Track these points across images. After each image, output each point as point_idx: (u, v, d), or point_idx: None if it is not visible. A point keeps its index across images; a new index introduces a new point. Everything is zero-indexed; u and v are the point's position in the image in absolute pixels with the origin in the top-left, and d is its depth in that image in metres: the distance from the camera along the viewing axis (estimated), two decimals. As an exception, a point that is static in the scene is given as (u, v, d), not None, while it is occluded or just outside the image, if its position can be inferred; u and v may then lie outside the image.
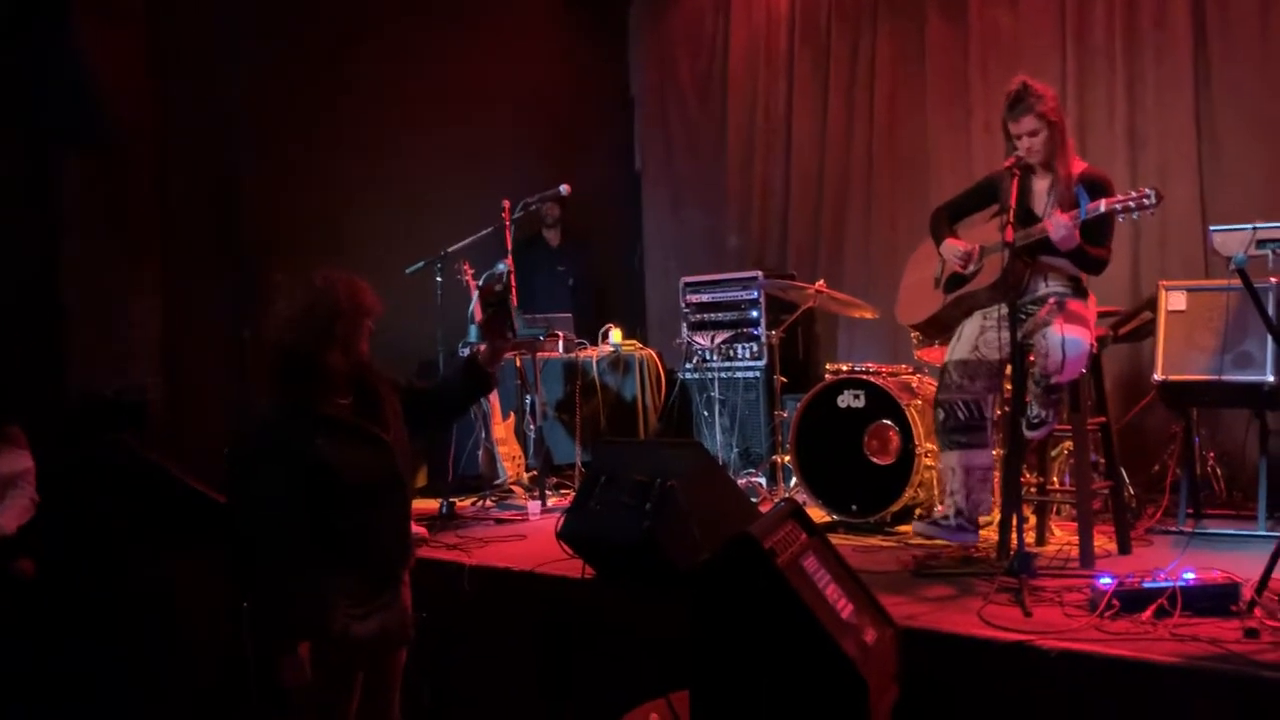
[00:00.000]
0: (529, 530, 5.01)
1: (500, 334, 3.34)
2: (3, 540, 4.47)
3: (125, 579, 4.82)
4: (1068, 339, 3.72)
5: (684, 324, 6.64)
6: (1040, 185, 3.99)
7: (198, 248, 5.80)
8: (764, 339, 6.22)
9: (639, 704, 3.01)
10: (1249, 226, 3.75)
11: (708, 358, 6.39)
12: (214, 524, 4.88)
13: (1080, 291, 4.00)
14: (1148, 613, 3.11)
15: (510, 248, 5.74)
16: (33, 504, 4.63)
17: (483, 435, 5.93)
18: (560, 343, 6.27)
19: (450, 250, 5.76)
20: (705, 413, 6.33)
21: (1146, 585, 3.22)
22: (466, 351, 5.70)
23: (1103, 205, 3.71)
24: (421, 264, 5.74)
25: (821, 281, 5.51)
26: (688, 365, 6.48)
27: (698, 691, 2.77)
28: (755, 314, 6.36)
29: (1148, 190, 3.64)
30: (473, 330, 5.98)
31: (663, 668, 3.01)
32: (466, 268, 5.95)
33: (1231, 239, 4.13)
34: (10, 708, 4.28)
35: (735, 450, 6.14)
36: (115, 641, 4.72)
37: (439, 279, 5.72)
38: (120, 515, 4.93)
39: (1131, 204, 3.65)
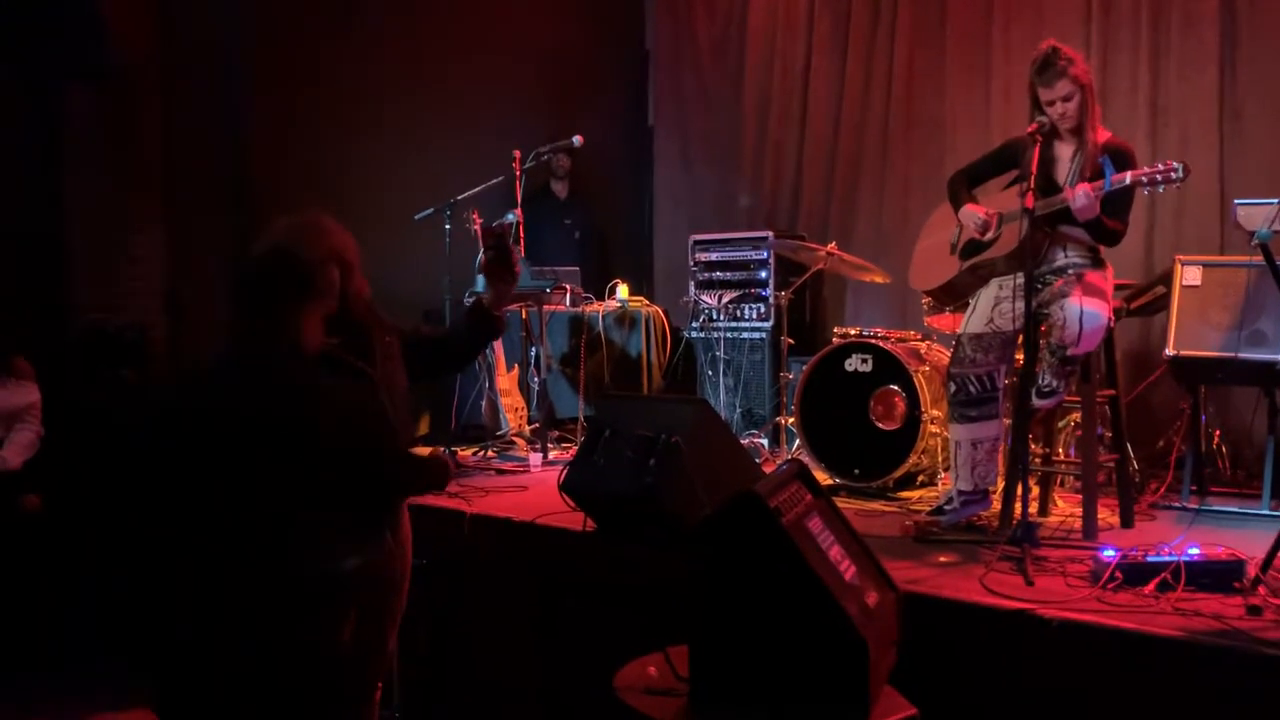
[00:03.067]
0: (530, 481, 5.00)
1: (502, 276, 3.21)
2: (8, 475, 4.48)
3: (123, 516, 4.82)
4: (1086, 311, 3.68)
5: (691, 282, 6.60)
6: (1064, 153, 3.94)
7: (201, 185, 5.77)
8: (772, 300, 6.18)
9: (637, 657, 3.01)
10: (1276, 201, 3.70)
11: (714, 317, 6.35)
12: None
13: (1098, 263, 3.96)
14: (1150, 586, 3.10)
15: (520, 199, 5.70)
16: (38, 438, 4.63)
17: (486, 386, 5.92)
18: (567, 296, 6.23)
19: (459, 198, 5.71)
20: (710, 372, 6.30)
21: (1150, 559, 3.21)
22: (472, 300, 5.67)
23: (1128, 177, 3.66)
24: (430, 211, 5.69)
25: (833, 244, 5.47)
26: (694, 324, 6.44)
27: (697, 647, 2.76)
28: (764, 274, 6.32)
29: (1175, 164, 3.58)
30: (479, 280, 5.93)
31: (661, 622, 3.00)
32: (475, 216, 5.88)
33: (1256, 213, 4.08)
34: (16, 641, 4.29)
35: (738, 410, 6.12)
36: (112, 578, 4.73)
37: (448, 226, 5.67)
38: (118, 452, 4.93)
39: (1158, 177, 3.59)
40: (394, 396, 2.85)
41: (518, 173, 5.68)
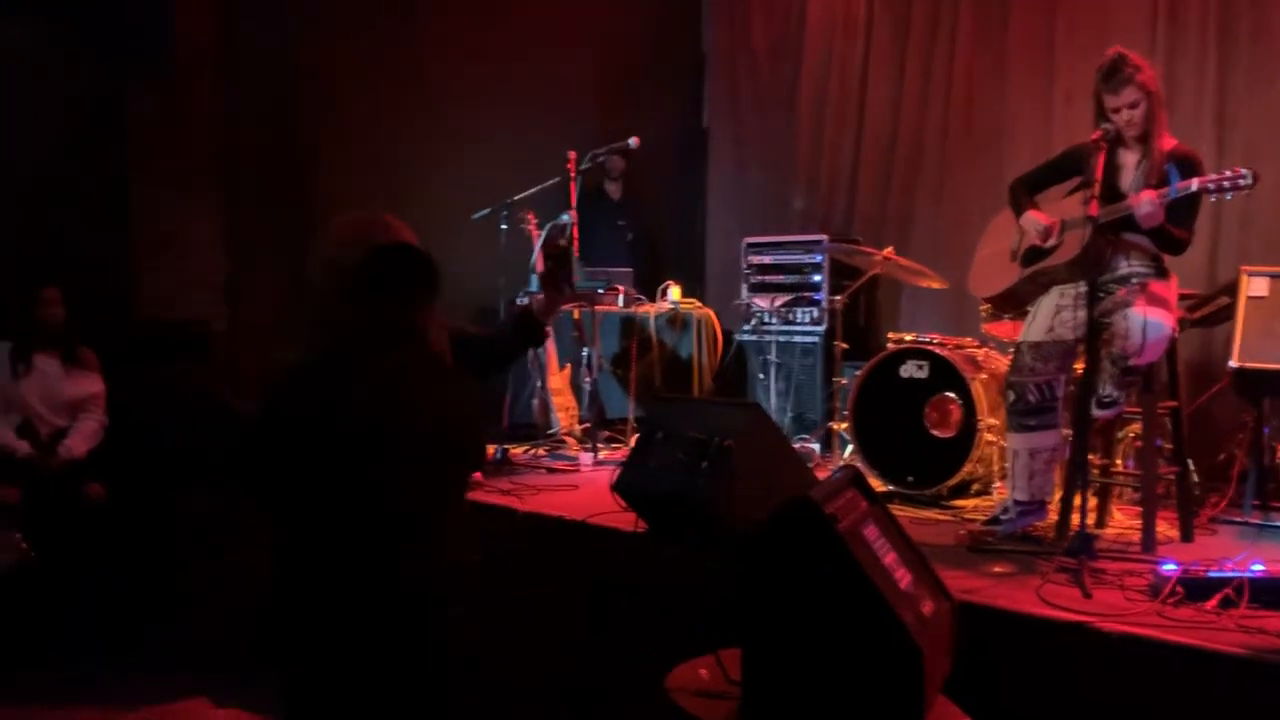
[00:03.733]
0: (581, 481, 5.02)
1: (558, 287, 3.26)
2: (74, 464, 4.56)
3: (181, 506, 4.91)
4: (1149, 321, 3.63)
5: (744, 285, 6.58)
6: (1128, 160, 3.88)
7: (259, 180, 5.84)
8: (825, 304, 6.15)
9: (688, 659, 3.01)
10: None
11: (766, 320, 6.33)
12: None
13: (1162, 272, 3.90)
14: (1213, 602, 3.05)
15: (574, 200, 5.72)
16: (102, 428, 4.71)
17: (538, 385, 5.94)
18: (619, 297, 6.25)
19: (515, 199, 5.75)
20: (760, 375, 6.29)
21: (1212, 574, 3.16)
22: (526, 300, 5.70)
23: (1194, 184, 3.60)
24: (487, 211, 5.74)
25: (890, 248, 5.43)
26: (745, 326, 6.43)
27: (749, 651, 2.75)
28: (818, 278, 6.29)
29: (1243, 170, 3.52)
30: (534, 280, 5.97)
31: (713, 624, 3.00)
32: (530, 217, 5.93)
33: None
34: (75, 627, 4.37)
35: (789, 415, 6.10)
36: (168, 568, 4.81)
37: (503, 226, 5.72)
38: (181, 442, 5.01)
39: (1226, 184, 3.52)
40: None
41: (572, 174, 5.70)
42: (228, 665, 4.45)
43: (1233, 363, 4.44)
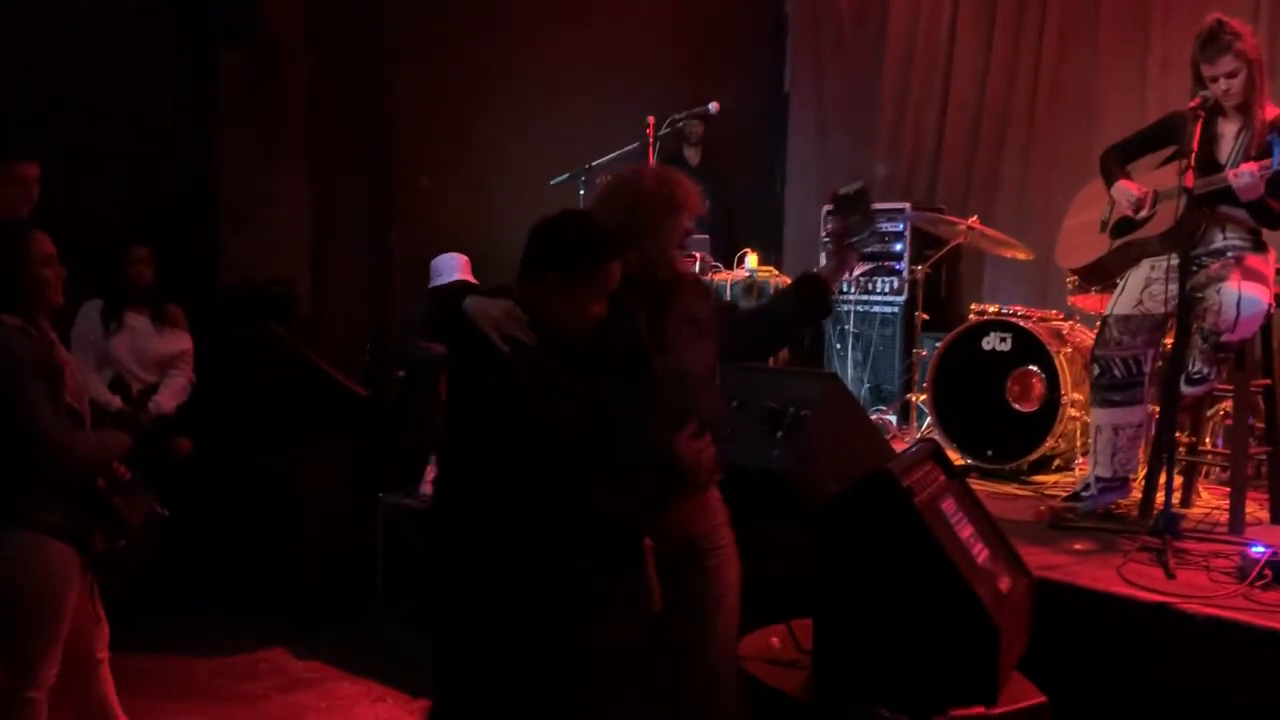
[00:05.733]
0: (655, 448, 5.02)
1: (847, 246, 2.70)
2: (163, 418, 4.70)
3: (267, 462, 5.03)
4: (1244, 296, 3.52)
5: (823, 253, 6.51)
6: (1228, 130, 3.74)
7: (345, 149, 5.92)
8: (906, 274, 6.06)
9: (760, 627, 3.01)
10: None
11: (845, 289, 6.26)
12: (354, 414, 5.05)
13: (1260, 246, 3.76)
14: (1303, 587, 2.97)
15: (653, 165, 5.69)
16: (190, 384, 4.84)
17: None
18: (696, 264, 6.21)
19: (594, 164, 5.73)
20: (838, 345, 6.23)
21: (1303, 558, 3.07)
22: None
23: (1298, 156, 3.47)
24: (566, 176, 5.72)
25: (975, 218, 5.32)
26: (824, 296, 6.35)
27: (821, 622, 2.74)
28: (899, 247, 6.20)
29: (1353, 142, 3.38)
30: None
31: (785, 593, 2.99)
32: (609, 182, 5.91)
33: None
34: (165, 576, 4.50)
35: (866, 386, 6.04)
36: (253, 522, 4.94)
37: (581, 193, 5.70)
38: (266, 400, 5.14)
39: (1331, 157, 3.39)
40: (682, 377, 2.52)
41: (651, 139, 5.67)
42: (307, 618, 4.58)
43: (1331, 340, 4.27)
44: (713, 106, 5.79)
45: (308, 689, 4.06)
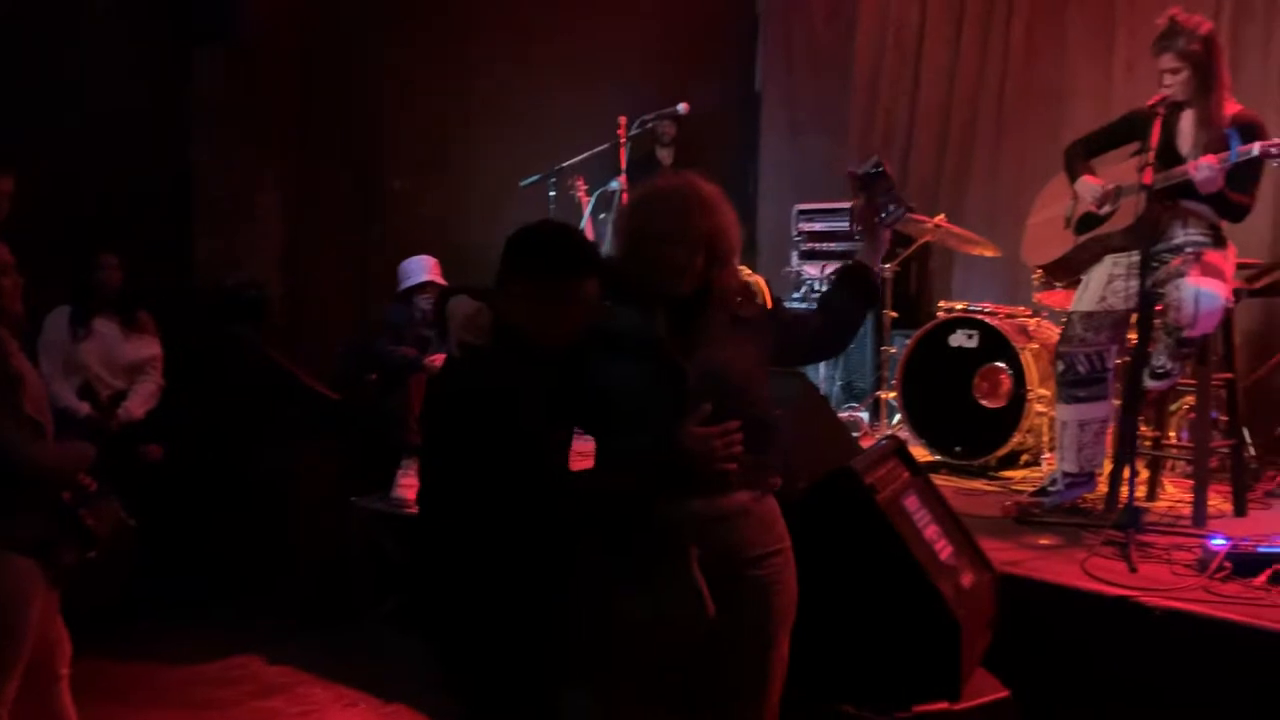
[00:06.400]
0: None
1: (874, 224, 2.58)
2: (131, 425, 4.68)
3: (239, 468, 5.01)
4: (1202, 291, 3.56)
5: (794, 252, 6.54)
6: (1188, 125, 3.79)
7: (322, 151, 5.89)
8: (878, 272, 6.08)
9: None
10: None
11: (816, 288, 6.28)
12: (325, 419, 5.04)
13: (1219, 241, 3.81)
14: (1262, 578, 3.01)
15: (624, 166, 5.70)
16: (159, 390, 4.82)
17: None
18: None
19: (564, 165, 5.74)
20: (810, 343, 6.23)
21: (1262, 549, 3.11)
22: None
23: (1255, 149, 3.51)
24: (536, 178, 5.74)
25: (942, 215, 5.36)
26: (795, 294, 6.38)
27: (788, 620, 2.77)
28: (869, 246, 6.21)
29: (1307, 134, 3.43)
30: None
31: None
32: (580, 183, 5.92)
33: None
34: (132, 586, 4.49)
35: (838, 384, 6.07)
36: (230, 527, 4.92)
37: (552, 193, 5.72)
38: (236, 405, 5.12)
39: (1287, 149, 3.44)
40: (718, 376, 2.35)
41: (622, 139, 5.69)
42: (279, 624, 4.57)
43: (1292, 334, 4.33)
44: (682, 107, 5.81)
45: (280, 694, 4.05)
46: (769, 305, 2.68)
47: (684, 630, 2.30)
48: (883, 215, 2.59)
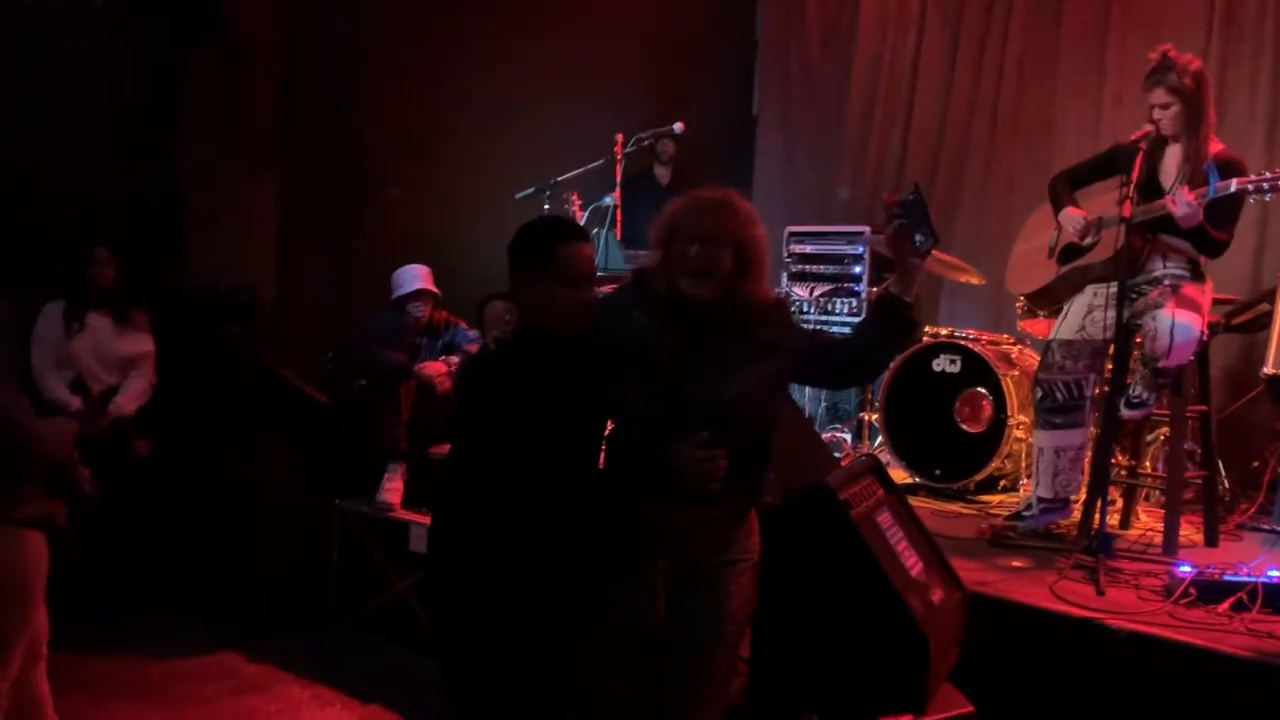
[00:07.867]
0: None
1: (910, 252, 2.48)
2: (122, 421, 4.72)
3: (224, 466, 5.05)
4: (1178, 323, 3.63)
5: (784, 273, 6.59)
6: (1171, 160, 3.86)
7: (314, 155, 5.94)
8: (864, 295, 6.16)
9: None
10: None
11: (804, 309, 6.35)
12: (314, 422, 5.08)
13: (1197, 275, 3.89)
14: (1225, 605, 3.07)
15: (619, 181, 5.76)
16: (150, 387, 4.86)
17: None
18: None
19: (560, 179, 5.79)
20: (796, 364, 6.29)
21: (1226, 578, 3.17)
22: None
23: (1234, 184, 3.58)
24: (531, 190, 5.78)
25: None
26: (785, 315, 6.42)
27: (758, 630, 2.81)
28: (858, 269, 6.29)
29: (1284, 171, 3.50)
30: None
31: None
32: (575, 198, 5.97)
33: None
34: (118, 579, 4.52)
35: (823, 404, 6.12)
36: (209, 526, 4.96)
37: (546, 207, 5.76)
38: (227, 405, 5.16)
39: (1265, 184, 3.51)
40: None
41: (619, 156, 5.74)
42: (261, 623, 4.59)
43: (1266, 370, 4.40)
44: (677, 126, 5.88)
45: (258, 692, 4.08)
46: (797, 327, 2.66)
47: (626, 629, 2.43)
48: (915, 243, 2.51)
